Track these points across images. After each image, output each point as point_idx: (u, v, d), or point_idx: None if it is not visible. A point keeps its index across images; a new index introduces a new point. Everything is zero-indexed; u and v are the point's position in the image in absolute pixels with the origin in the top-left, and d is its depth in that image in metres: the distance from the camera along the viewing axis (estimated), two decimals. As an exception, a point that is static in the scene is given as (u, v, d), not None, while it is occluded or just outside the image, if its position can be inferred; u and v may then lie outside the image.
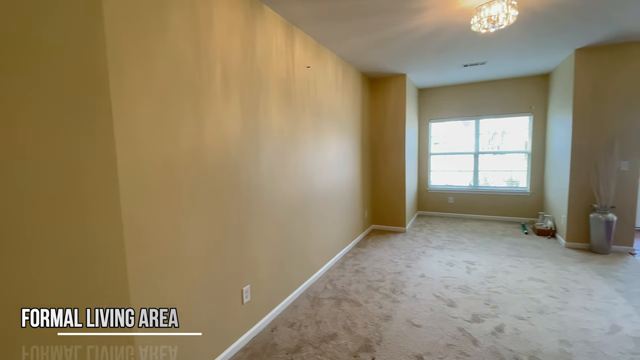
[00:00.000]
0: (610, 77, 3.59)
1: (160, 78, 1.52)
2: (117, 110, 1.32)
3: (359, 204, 4.47)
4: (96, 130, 1.28)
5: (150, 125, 1.47)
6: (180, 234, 1.66)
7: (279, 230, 2.55)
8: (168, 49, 1.56)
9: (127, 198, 1.36)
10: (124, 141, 1.35)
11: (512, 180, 5.60)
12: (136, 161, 1.41)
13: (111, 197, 1.32)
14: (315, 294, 2.86)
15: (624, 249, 3.69)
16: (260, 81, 2.27)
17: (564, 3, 2.46)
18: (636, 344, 2.02)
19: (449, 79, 5.20)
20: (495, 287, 2.89)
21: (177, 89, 1.62)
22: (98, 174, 1.30)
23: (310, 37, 2.98)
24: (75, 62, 1.24)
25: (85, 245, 1.30)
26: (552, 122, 4.69)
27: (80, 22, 1.24)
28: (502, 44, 3.45)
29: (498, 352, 1.98)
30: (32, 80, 1.19)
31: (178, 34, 1.62)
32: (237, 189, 2.07)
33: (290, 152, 2.70)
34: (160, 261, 1.54)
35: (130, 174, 1.37)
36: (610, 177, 3.58)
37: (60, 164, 1.25)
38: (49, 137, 1.22)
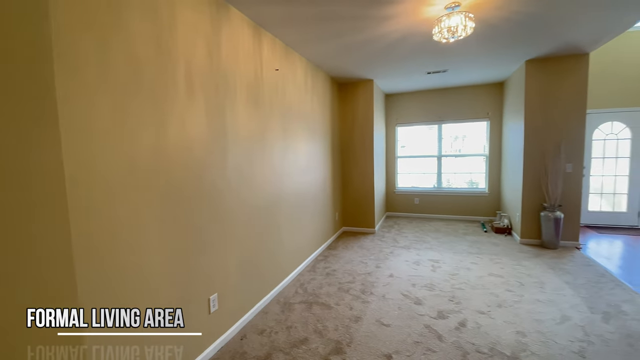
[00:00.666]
0: (556, 87, 3.93)
1: (118, 77, 1.44)
2: (67, 109, 1.22)
3: (330, 207, 4.51)
4: (43, 130, 1.18)
5: (106, 125, 1.38)
6: (140, 241, 1.57)
7: (248, 235, 2.50)
8: (127, 47, 1.48)
9: (76, 203, 1.26)
10: (75, 141, 1.25)
11: (472, 182, 5.94)
12: (87, 164, 1.31)
13: (59, 204, 1.22)
14: (286, 298, 2.83)
15: (571, 243, 4.03)
16: (227, 83, 2.22)
17: (515, 18, 2.66)
18: (584, 332, 2.21)
19: (414, 86, 5.41)
20: (458, 283, 3.04)
21: (137, 90, 1.54)
22: (42, 180, 1.20)
23: (278, 39, 2.96)
24: (18, 59, 1.14)
25: (30, 254, 1.19)
26: (507, 127, 5.04)
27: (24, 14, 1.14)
28: (462, 54, 3.65)
29: (461, 347, 2.08)
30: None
31: (138, 32, 1.54)
32: (203, 192, 2.00)
33: (259, 155, 2.66)
34: (115, 270, 1.45)
35: (80, 177, 1.28)
36: (557, 178, 3.91)
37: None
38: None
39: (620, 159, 4.91)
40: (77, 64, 1.26)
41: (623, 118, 4.83)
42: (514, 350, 2.02)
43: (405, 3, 2.35)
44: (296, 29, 2.76)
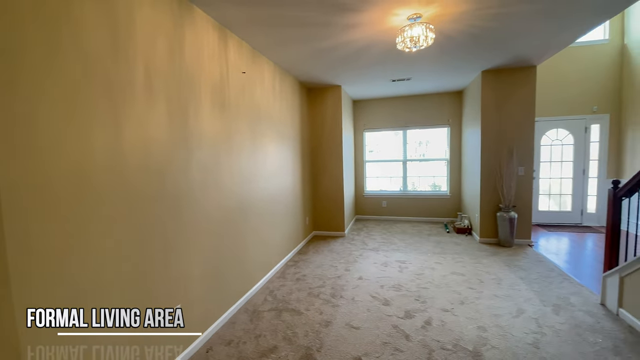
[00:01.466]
0: (509, 95, 4.24)
1: (67, 73, 1.33)
2: (6, 100, 1.11)
3: (300, 211, 4.48)
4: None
5: (51, 122, 1.27)
6: (92, 254, 1.45)
7: (214, 243, 2.41)
8: (77, 41, 1.38)
9: (12, 212, 1.14)
10: (12, 137, 1.14)
11: (435, 185, 6.21)
12: (27, 163, 1.20)
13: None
14: (255, 307, 2.76)
15: (524, 241, 4.34)
16: (190, 84, 2.14)
17: (471, 31, 2.84)
18: (537, 324, 2.37)
19: (380, 92, 5.58)
20: (424, 283, 3.14)
21: (88, 87, 1.43)
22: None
23: (245, 42, 2.92)
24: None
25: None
26: (466, 133, 5.34)
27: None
28: (424, 63, 3.83)
29: (427, 345, 2.15)
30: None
31: (91, 26, 1.44)
32: (164, 198, 1.90)
33: (226, 159, 2.59)
34: (64, 287, 1.33)
35: (17, 178, 1.16)
36: (511, 181, 4.20)
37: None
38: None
39: (565, 163, 5.39)
40: (22, 55, 1.16)
41: (566, 125, 5.31)
42: (475, 345, 2.12)
43: (370, 12, 2.42)
44: (263, 32, 2.74)
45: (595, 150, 5.27)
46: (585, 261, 3.74)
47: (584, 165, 5.29)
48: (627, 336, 2.16)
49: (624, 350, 2.01)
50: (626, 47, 4.96)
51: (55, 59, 1.29)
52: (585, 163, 5.29)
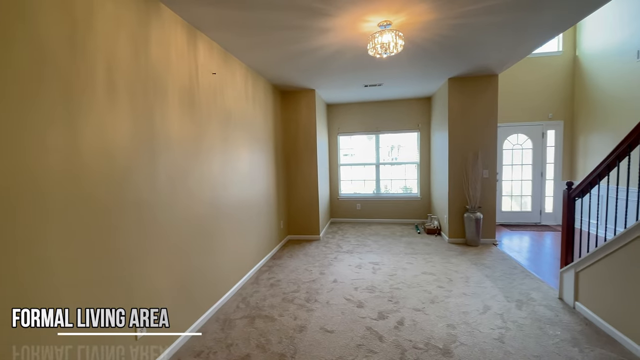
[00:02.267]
0: (473, 102, 4.46)
1: (19, 72, 1.23)
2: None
3: (274, 216, 4.43)
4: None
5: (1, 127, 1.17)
6: (46, 269, 1.34)
7: (182, 251, 2.32)
8: (32, 38, 1.28)
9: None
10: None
11: (407, 187, 6.39)
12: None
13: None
14: (227, 315, 2.67)
15: (489, 240, 4.55)
16: (157, 84, 2.06)
17: (438, 40, 2.96)
18: (502, 319, 2.48)
19: (354, 97, 5.67)
20: (396, 283, 3.20)
21: (43, 88, 1.33)
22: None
23: (216, 43, 2.85)
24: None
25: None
26: (435, 138, 5.55)
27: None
28: (395, 69, 3.94)
29: (400, 345, 2.18)
30: None
31: (45, 18, 1.34)
32: (127, 204, 1.80)
33: (195, 164, 2.50)
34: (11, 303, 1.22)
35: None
36: (476, 183, 4.40)
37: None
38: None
39: (525, 166, 5.74)
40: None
41: (525, 131, 5.67)
42: (445, 343, 2.19)
43: (342, 17, 2.45)
44: (235, 34, 2.69)
45: (552, 154, 5.66)
46: (545, 258, 3.99)
47: (542, 168, 5.66)
48: (583, 328, 2.32)
49: (581, 342, 2.15)
50: (578, 59, 5.39)
51: (5, 53, 1.18)
52: (543, 166, 5.67)
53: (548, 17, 2.56)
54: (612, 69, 4.62)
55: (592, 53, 5.05)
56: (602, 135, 4.82)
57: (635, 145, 2.14)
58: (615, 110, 4.57)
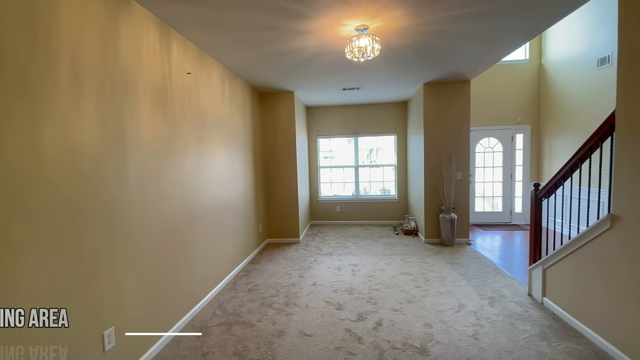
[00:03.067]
0: (447, 107, 4.60)
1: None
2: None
3: (252, 219, 4.35)
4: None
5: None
6: (7, 277, 1.24)
7: (154, 256, 2.22)
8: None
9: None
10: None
11: (385, 189, 6.49)
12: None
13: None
14: (203, 322, 2.59)
15: (463, 240, 4.70)
16: (126, 83, 1.97)
17: (413, 46, 3.03)
18: (476, 317, 2.56)
19: (332, 100, 5.70)
20: (375, 284, 3.23)
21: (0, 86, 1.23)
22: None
23: (191, 42, 2.77)
24: None
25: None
26: (411, 141, 5.68)
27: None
28: (372, 74, 4.00)
29: (379, 345, 2.19)
30: None
31: (3, 14, 1.25)
32: (94, 209, 1.70)
33: (168, 166, 2.41)
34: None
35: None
36: (450, 185, 4.54)
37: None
38: None
39: (496, 168, 5.99)
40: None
41: (496, 134, 5.92)
42: (422, 342, 2.22)
43: (320, 20, 2.46)
44: (210, 33, 2.63)
45: (520, 156, 5.95)
46: (515, 256, 4.16)
47: (512, 170, 5.93)
48: (551, 323, 2.43)
49: (550, 336, 2.26)
50: (543, 67, 5.71)
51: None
52: (513, 168, 5.93)
53: (517, 25, 2.68)
54: (574, 77, 4.92)
55: (557, 61, 5.36)
56: (566, 139, 5.12)
57: (596, 148, 2.28)
58: (578, 115, 4.86)
